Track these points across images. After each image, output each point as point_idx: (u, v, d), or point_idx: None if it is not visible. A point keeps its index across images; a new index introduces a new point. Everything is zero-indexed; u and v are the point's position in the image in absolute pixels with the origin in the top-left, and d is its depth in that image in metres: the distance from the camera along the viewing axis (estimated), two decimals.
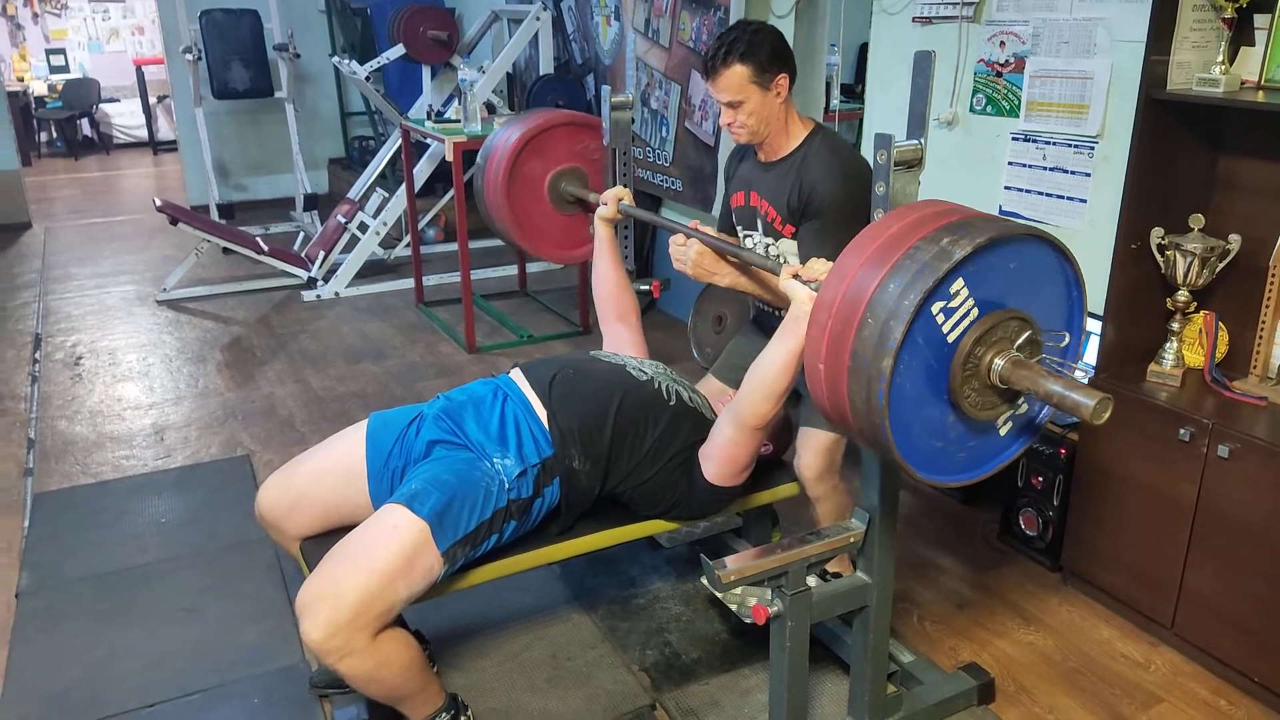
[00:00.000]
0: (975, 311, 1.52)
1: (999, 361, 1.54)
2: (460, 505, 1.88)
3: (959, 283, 1.48)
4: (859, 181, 2.13)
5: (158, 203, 5.04)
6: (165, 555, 2.82)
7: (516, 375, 2.18)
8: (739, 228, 2.44)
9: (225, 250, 5.44)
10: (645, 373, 2.19)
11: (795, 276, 1.88)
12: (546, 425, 2.05)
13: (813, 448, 2.33)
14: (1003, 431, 1.68)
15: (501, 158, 2.74)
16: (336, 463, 2.08)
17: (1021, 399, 1.64)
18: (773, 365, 1.90)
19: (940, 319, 1.49)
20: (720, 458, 2.06)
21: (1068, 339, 1.67)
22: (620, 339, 2.50)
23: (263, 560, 2.75)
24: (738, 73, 2.15)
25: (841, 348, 1.52)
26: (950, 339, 1.52)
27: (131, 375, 4.23)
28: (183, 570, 2.74)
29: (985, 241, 1.46)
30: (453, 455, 1.99)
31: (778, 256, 2.32)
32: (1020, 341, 1.56)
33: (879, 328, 1.46)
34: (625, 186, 2.73)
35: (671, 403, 2.14)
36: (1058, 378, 1.50)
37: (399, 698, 1.90)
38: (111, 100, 10.86)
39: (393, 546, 1.79)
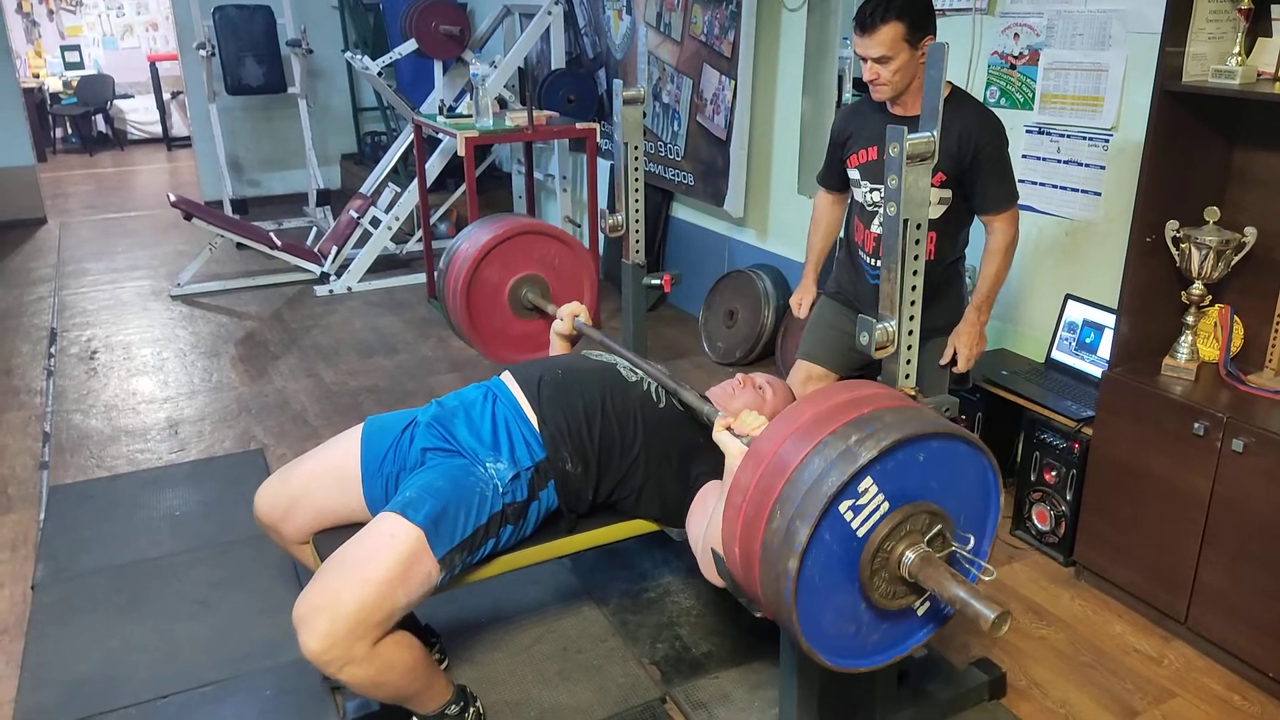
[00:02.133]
0: (885, 505, 1.49)
1: (909, 555, 1.51)
2: (455, 511, 1.88)
3: (867, 481, 1.45)
4: (1000, 126, 2.36)
5: (172, 198, 5.07)
6: (179, 548, 2.83)
7: (506, 377, 2.17)
8: (864, 183, 2.48)
9: (239, 245, 5.47)
10: (635, 373, 2.18)
11: (728, 429, 1.85)
12: (537, 428, 2.04)
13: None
14: (920, 611, 1.63)
15: (462, 265, 2.74)
16: (331, 466, 2.08)
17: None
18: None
19: (849, 516, 1.47)
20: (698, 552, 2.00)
21: (971, 541, 1.63)
22: None
23: (275, 554, 2.76)
24: (893, 29, 2.23)
25: (753, 536, 1.51)
26: (860, 534, 1.49)
27: (146, 369, 4.26)
28: (196, 563, 2.75)
29: (890, 445, 1.44)
30: (447, 462, 1.98)
31: None
32: (931, 535, 1.53)
33: (785, 525, 1.44)
34: (636, 184, 2.73)
35: (661, 405, 2.12)
36: (962, 583, 1.47)
37: (404, 698, 1.91)
38: (126, 96, 10.91)
39: (389, 555, 1.79)
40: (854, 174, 2.51)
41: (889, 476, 1.48)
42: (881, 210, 2.46)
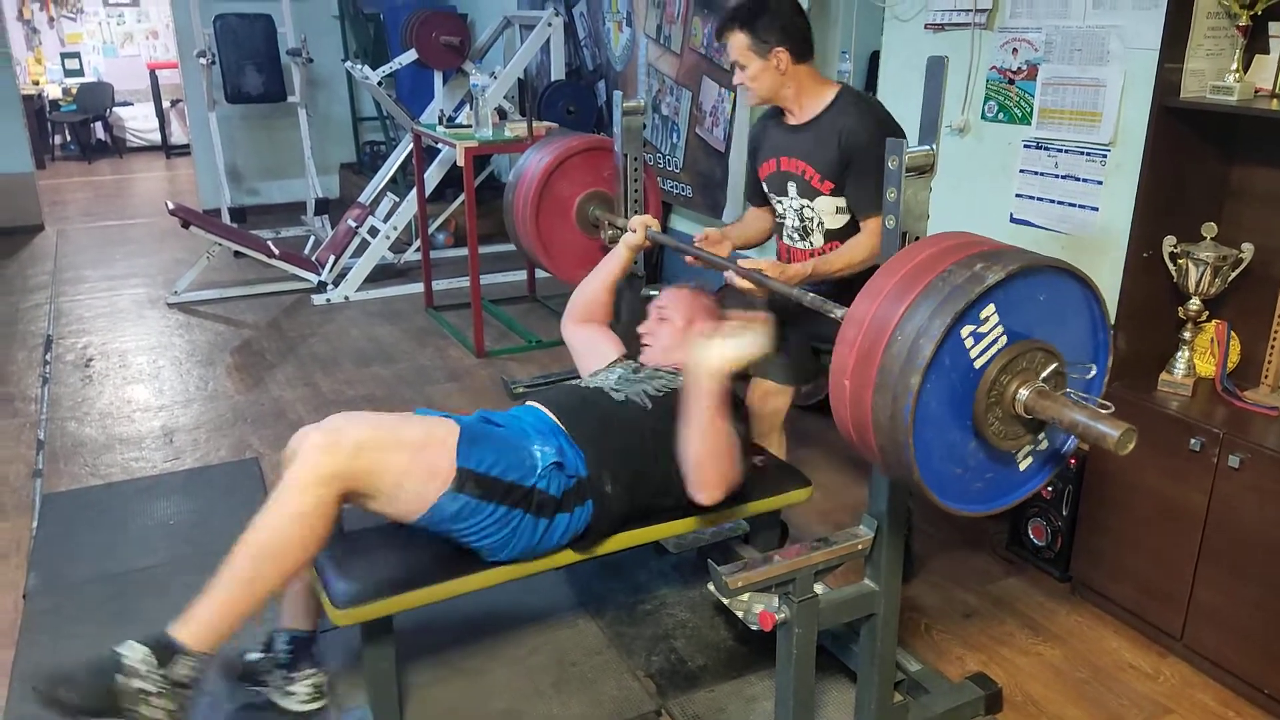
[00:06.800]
0: (1004, 339, 1.54)
1: (1024, 391, 1.56)
2: (491, 448, 1.93)
3: (990, 308, 1.50)
4: (891, 128, 2.29)
5: (170, 206, 5.06)
6: (173, 557, 2.82)
7: (537, 404, 2.20)
8: (771, 195, 2.53)
9: (236, 254, 5.47)
10: (620, 392, 2.21)
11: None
12: (581, 449, 2.06)
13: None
14: (1022, 466, 1.69)
15: (531, 181, 2.80)
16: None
17: (1043, 432, 1.65)
18: (692, 439, 1.99)
19: (969, 343, 1.51)
20: (706, 484, 2.04)
21: (1094, 371, 1.68)
22: (593, 335, 2.57)
23: None
24: (737, 39, 2.34)
25: (869, 363, 1.53)
26: (977, 365, 1.53)
27: (141, 377, 4.25)
28: (190, 572, 2.69)
29: (1017, 269, 1.49)
30: (501, 431, 2.06)
31: (812, 218, 2.43)
32: (1046, 373, 1.57)
33: (908, 345, 1.48)
34: (636, 193, 2.73)
35: (649, 408, 2.16)
36: (1082, 408, 1.52)
37: (247, 568, 1.78)
38: (125, 104, 10.92)
39: (420, 428, 1.89)
40: (764, 185, 2.55)
41: (1009, 308, 1.53)
42: (785, 223, 2.49)
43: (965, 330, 1.49)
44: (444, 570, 1.98)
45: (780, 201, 2.49)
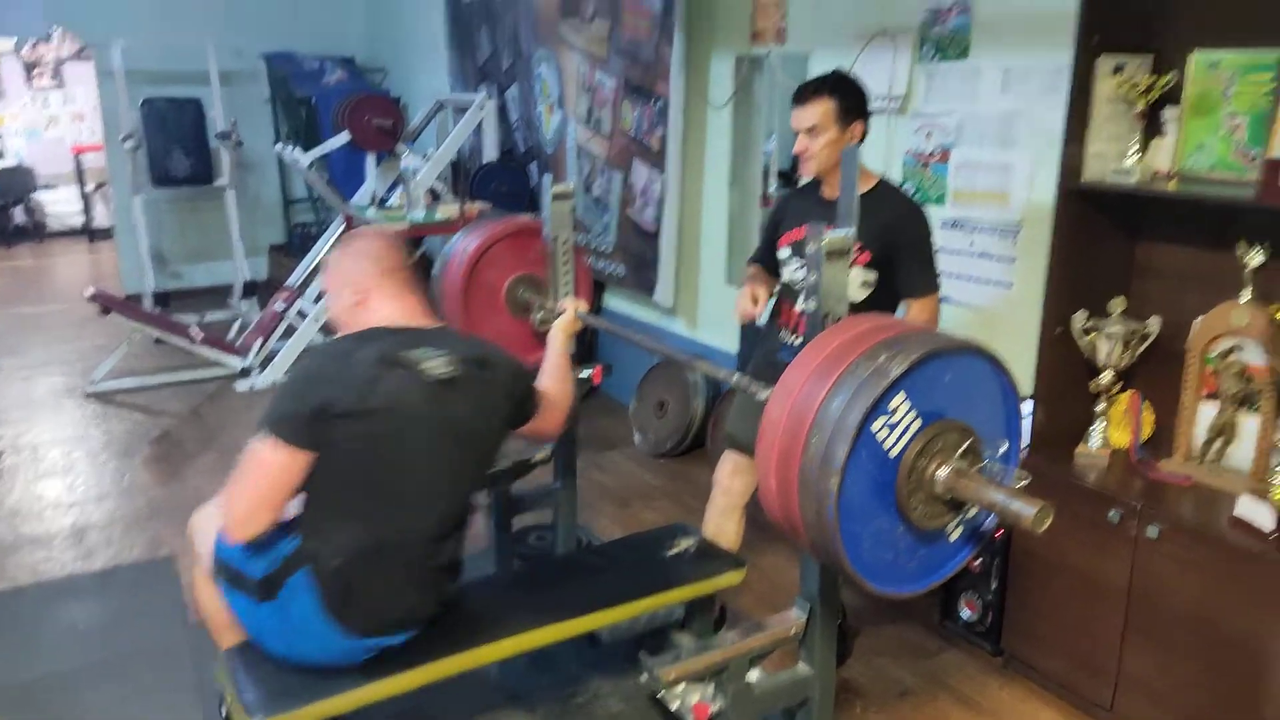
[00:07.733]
0: (918, 423, 1.56)
1: (942, 473, 1.58)
2: None
3: (900, 396, 1.52)
4: (926, 219, 2.45)
5: (89, 292, 4.93)
6: (82, 664, 2.68)
7: None
8: (794, 260, 2.55)
9: (157, 340, 5.33)
10: None
11: None
12: (301, 519, 1.90)
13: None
14: (952, 538, 1.70)
15: (457, 271, 2.77)
16: None
17: (968, 505, 1.66)
18: None
19: (883, 435, 1.53)
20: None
21: (1006, 445, 1.71)
22: None
23: (182, 669, 2.63)
24: (824, 103, 2.39)
25: (789, 464, 1.55)
26: (893, 454, 1.55)
27: (54, 471, 4.08)
28: (101, 679, 2.60)
29: (920, 357, 1.51)
30: None
31: None
32: (961, 450, 1.59)
33: (823, 447, 1.50)
34: (567, 276, 2.74)
35: None
36: (999, 487, 1.54)
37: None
38: (48, 187, 10.71)
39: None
40: (784, 252, 2.57)
41: (919, 393, 1.55)
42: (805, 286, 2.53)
43: (877, 424, 1.51)
44: (364, 673, 1.90)
45: (805, 268, 2.50)
